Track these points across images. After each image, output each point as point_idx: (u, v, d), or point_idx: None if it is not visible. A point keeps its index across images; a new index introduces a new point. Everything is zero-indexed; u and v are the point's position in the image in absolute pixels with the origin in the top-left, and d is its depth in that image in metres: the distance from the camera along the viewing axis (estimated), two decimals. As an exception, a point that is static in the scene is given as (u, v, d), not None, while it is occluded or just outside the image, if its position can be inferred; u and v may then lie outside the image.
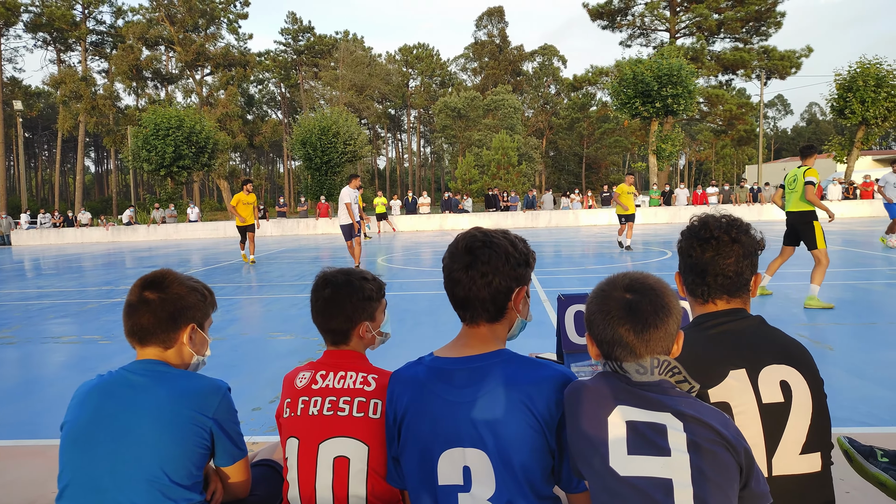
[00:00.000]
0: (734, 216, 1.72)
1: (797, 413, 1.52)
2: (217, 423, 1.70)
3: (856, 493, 2.72)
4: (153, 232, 28.96)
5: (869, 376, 4.55)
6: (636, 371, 1.36)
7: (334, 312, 1.86)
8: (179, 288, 1.79)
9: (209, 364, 6.00)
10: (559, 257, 13.98)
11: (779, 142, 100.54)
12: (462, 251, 1.56)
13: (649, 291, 1.38)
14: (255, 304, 8.85)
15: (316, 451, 1.72)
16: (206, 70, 61.87)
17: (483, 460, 1.45)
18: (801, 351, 1.60)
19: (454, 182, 49.72)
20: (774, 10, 47.79)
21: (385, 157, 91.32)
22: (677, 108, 30.59)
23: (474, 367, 1.52)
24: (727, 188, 30.89)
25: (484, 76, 73.37)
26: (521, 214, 28.36)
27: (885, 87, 28.52)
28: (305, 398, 1.78)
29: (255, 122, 69.25)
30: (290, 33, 71.60)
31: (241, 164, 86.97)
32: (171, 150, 31.60)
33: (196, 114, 35.22)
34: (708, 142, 68.60)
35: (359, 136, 34.81)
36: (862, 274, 9.69)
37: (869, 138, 30.32)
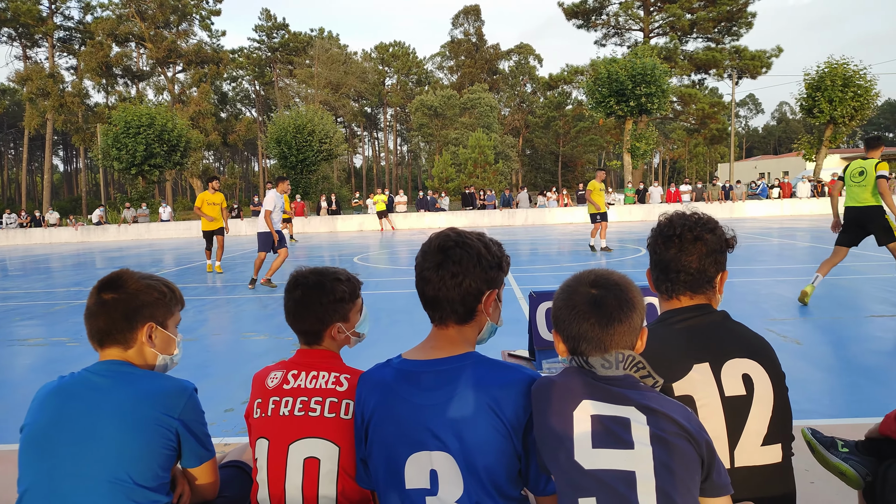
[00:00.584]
0: (702, 214, 1.75)
1: (759, 405, 1.55)
2: (183, 423, 1.68)
3: (820, 483, 2.79)
4: (124, 232, 28.49)
5: (833, 369, 4.65)
6: (601, 366, 1.38)
7: (305, 314, 1.84)
8: (135, 286, 1.75)
9: (181, 365, 5.92)
10: (535, 255, 14.05)
11: (750, 140, 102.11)
12: (434, 250, 1.55)
13: (614, 287, 1.40)
14: (229, 305, 8.76)
15: (286, 452, 1.70)
16: (178, 67, 61.00)
17: (450, 463, 1.44)
18: (763, 345, 1.63)
19: (431, 181, 49.70)
20: (745, 11, 48.53)
21: (361, 155, 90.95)
22: (651, 106, 30.93)
23: (442, 369, 1.51)
24: (700, 186, 31.30)
25: (460, 75, 73.39)
26: (497, 213, 28.45)
27: (852, 87, 29.12)
28: (276, 398, 1.76)
29: (229, 120, 68.47)
30: (265, 30, 70.87)
31: (214, 162, 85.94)
32: (143, 148, 31.11)
33: (168, 112, 34.71)
34: (681, 140, 69.51)
35: (334, 134, 34.62)
36: (830, 270, 9.86)
37: (837, 137, 30.92)
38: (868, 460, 1.86)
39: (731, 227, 1.79)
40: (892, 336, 5.58)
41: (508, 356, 2.75)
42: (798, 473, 2.84)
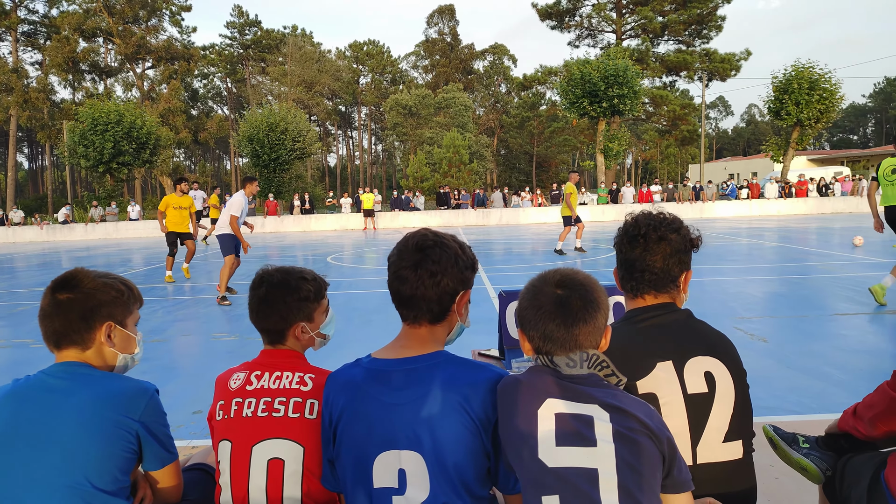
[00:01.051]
0: (668, 214, 1.77)
1: (720, 403, 1.57)
2: (144, 426, 1.64)
3: (784, 479, 2.84)
4: (91, 231, 27.93)
5: (798, 366, 4.75)
6: (566, 364, 1.39)
7: (268, 312, 1.82)
8: (91, 285, 1.71)
9: (148, 366, 5.82)
10: (509, 254, 14.11)
11: (720, 142, 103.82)
12: (412, 249, 1.55)
13: (579, 287, 1.41)
14: (199, 305, 8.64)
15: (249, 454, 1.68)
16: (148, 63, 60.00)
17: (418, 462, 1.44)
18: (725, 343, 1.66)
19: (406, 180, 49.58)
20: (715, 14, 49.28)
21: (336, 154, 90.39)
22: (623, 108, 31.23)
23: (412, 368, 1.52)
24: (671, 187, 31.72)
25: (435, 74, 73.35)
26: (472, 212, 28.50)
27: (818, 90, 29.75)
28: (239, 399, 1.73)
29: (200, 117, 67.52)
30: (236, 27, 70.05)
31: (185, 160, 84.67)
32: (111, 145, 30.49)
33: (137, 108, 34.05)
34: (653, 141, 70.30)
35: (308, 132, 34.34)
36: (796, 269, 10.08)
37: (803, 139, 31.57)
38: (828, 455, 1.90)
39: (700, 227, 1.82)
40: (855, 334, 5.71)
41: (479, 355, 2.76)
42: (763, 469, 2.91)
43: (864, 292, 7.65)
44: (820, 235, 16.25)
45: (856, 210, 27.60)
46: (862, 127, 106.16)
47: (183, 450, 3.36)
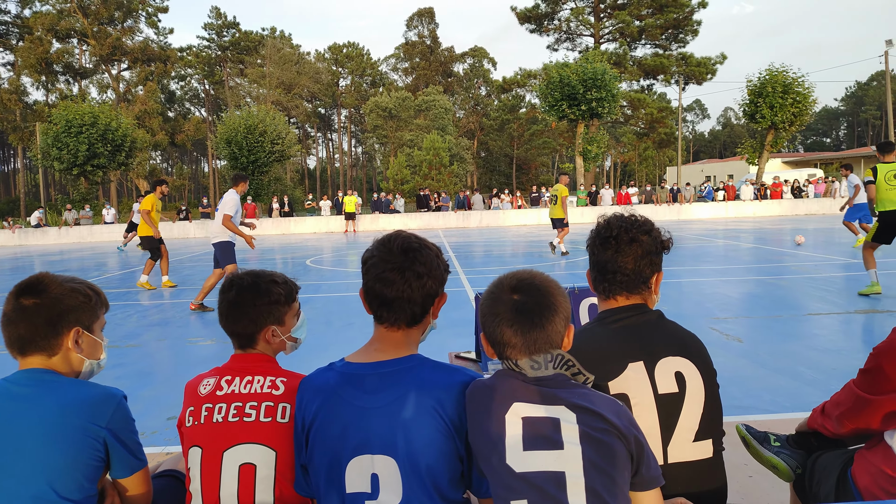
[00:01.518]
0: (639, 216, 1.78)
1: (690, 402, 1.58)
2: (112, 433, 1.61)
3: (758, 477, 2.87)
4: (65, 234, 27.49)
5: (773, 366, 4.81)
6: (531, 367, 1.39)
7: (238, 315, 1.80)
8: (58, 290, 1.67)
9: (122, 371, 5.74)
10: (489, 256, 14.15)
11: (697, 144, 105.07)
12: (398, 252, 1.55)
13: (534, 291, 1.41)
14: (175, 309, 8.54)
15: (220, 460, 1.65)
16: (124, 65, 59.25)
17: (391, 467, 1.43)
18: (696, 343, 1.67)
19: (386, 182, 49.51)
20: (691, 19, 50.02)
21: (315, 156, 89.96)
22: (602, 110, 31.48)
23: (386, 371, 1.51)
24: (648, 189, 32.04)
25: (415, 76, 73.36)
26: (452, 215, 28.52)
27: (791, 94, 30.27)
28: (209, 405, 1.71)
29: (177, 119, 66.81)
30: (214, 28, 69.43)
31: (162, 163, 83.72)
32: (85, 148, 30.05)
33: (112, 110, 33.61)
34: (631, 144, 70.96)
35: (287, 135, 34.12)
36: (771, 269, 10.23)
37: (778, 142, 32.07)
38: (798, 453, 1.93)
39: (678, 228, 1.86)
40: (827, 333, 5.81)
41: (455, 358, 2.76)
42: (737, 468, 2.94)
43: (837, 292, 7.78)
44: (794, 236, 16.51)
45: (829, 212, 28.08)
46: (834, 130, 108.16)
47: (157, 456, 3.32)
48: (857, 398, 1.62)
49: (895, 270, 9.48)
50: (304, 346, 4.98)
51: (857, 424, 1.65)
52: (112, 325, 7.46)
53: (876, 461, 1.61)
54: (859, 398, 1.62)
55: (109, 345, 1.85)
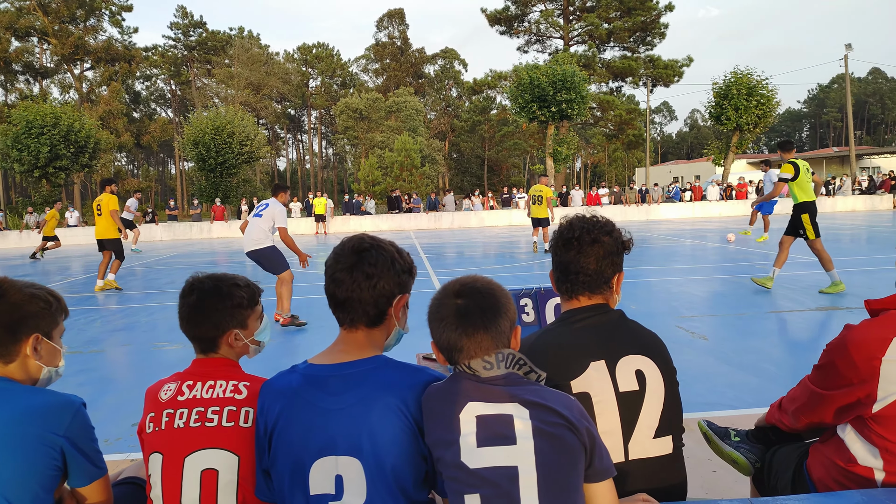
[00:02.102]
0: (601, 217, 1.80)
1: (650, 400, 1.61)
2: (69, 441, 1.58)
3: (721, 472, 2.92)
4: (26, 238, 26.77)
5: (737, 363, 4.91)
6: (483, 368, 1.40)
7: (201, 319, 1.78)
8: (17, 296, 1.64)
9: (85, 378, 5.62)
10: (461, 258, 14.18)
11: (665, 146, 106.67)
12: (348, 252, 1.55)
13: (476, 295, 1.44)
14: (140, 314, 8.39)
15: (182, 466, 1.63)
16: (87, 64, 58.00)
17: (356, 468, 1.43)
18: (656, 342, 1.70)
19: (357, 184, 49.31)
20: (658, 22, 50.79)
21: (285, 158, 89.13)
22: (571, 112, 31.77)
23: (349, 373, 1.51)
24: (617, 190, 32.43)
25: (386, 78, 73.19)
26: (423, 216, 28.51)
27: (756, 96, 30.93)
28: (170, 411, 1.69)
29: (143, 120, 65.70)
30: (180, 28, 68.35)
31: (127, 164, 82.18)
32: (47, 149, 29.35)
33: (75, 111, 32.89)
34: (601, 145, 71.68)
35: (256, 136, 33.79)
36: (736, 268, 10.43)
37: (742, 143, 32.73)
38: (757, 448, 1.97)
39: (646, 228, 1.88)
40: (789, 330, 5.95)
41: (423, 359, 2.76)
42: (701, 463, 3.00)
43: (800, 290, 7.96)
44: (758, 235, 16.85)
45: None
46: (797, 131, 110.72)
47: (121, 463, 3.26)
48: (812, 393, 1.67)
49: (854, 269, 9.74)
50: (273, 349, 4.92)
51: (812, 419, 1.69)
52: (75, 330, 7.30)
53: (829, 454, 1.66)
54: (813, 393, 1.66)
55: (72, 351, 1.83)
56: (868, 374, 1.50)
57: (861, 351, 1.51)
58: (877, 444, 1.54)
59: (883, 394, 1.49)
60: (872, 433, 1.55)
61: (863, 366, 1.50)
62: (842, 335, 1.58)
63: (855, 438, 1.59)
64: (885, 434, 1.53)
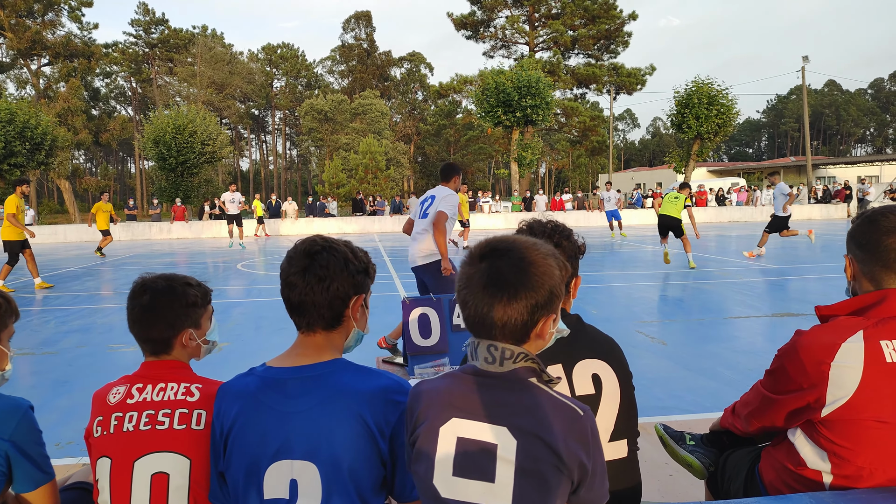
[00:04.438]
0: (558, 222, 1.81)
1: (606, 403, 1.63)
2: (15, 445, 1.54)
3: (677, 476, 2.97)
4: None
5: (695, 367, 5.00)
6: (484, 359, 1.27)
7: (154, 320, 1.73)
8: None
9: (38, 380, 5.45)
10: (423, 261, 14.14)
11: (628, 153, 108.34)
12: (300, 255, 1.53)
13: (509, 253, 1.24)
14: (96, 315, 8.17)
15: (131, 470, 1.59)
16: (44, 60, 56.35)
17: (311, 472, 1.41)
18: (612, 346, 1.72)
19: (321, 186, 48.91)
20: (622, 31, 51.64)
21: (249, 158, 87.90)
22: (536, 118, 32.05)
23: (308, 376, 1.49)
24: (580, 195, 32.83)
25: (351, 80, 72.84)
26: (388, 219, 28.41)
27: (716, 105, 31.59)
28: (119, 414, 1.64)
29: (102, 118, 64.11)
30: (142, 25, 66.91)
31: (85, 162, 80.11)
32: (1, 146, 28.38)
33: (31, 107, 31.88)
34: (565, 151, 72.53)
35: (218, 136, 33.19)
36: (696, 274, 10.64)
37: (703, 151, 33.40)
38: (711, 452, 2.01)
39: (609, 234, 1.87)
40: (746, 335, 6.09)
41: (382, 363, 2.75)
42: (658, 466, 3.04)
43: (757, 296, 8.17)
44: (718, 242, 17.23)
45: (750, 219, 29.46)
46: (756, 141, 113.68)
47: (72, 468, 3.15)
48: (763, 398, 1.70)
49: (810, 276, 10.03)
50: (232, 352, 4.85)
51: (764, 423, 1.73)
52: (28, 331, 7.08)
53: (780, 457, 1.70)
54: (765, 398, 1.69)
55: (25, 352, 1.78)
56: (817, 378, 1.53)
57: (811, 356, 1.55)
58: (825, 447, 1.58)
59: (831, 398, 1.53)
60: (821, 437, 1.58)
61: (812, 370, 1.54)
62: (792, 341, 1.62)
63: (805, 442, 1.63)
64: (833, 438, 1.56)
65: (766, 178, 15.03)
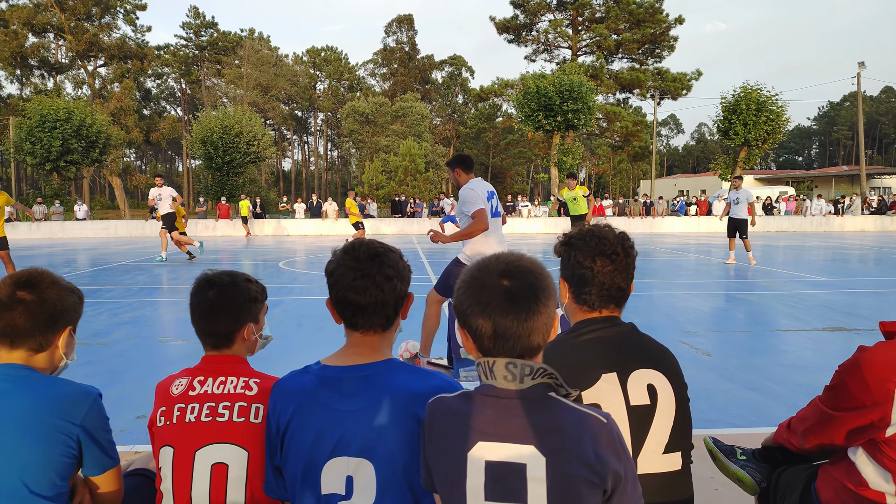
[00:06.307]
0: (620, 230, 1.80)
1: (661, 415, 1.61)
2: (85, 430, 1.61)
3: (723, 490, 2.91)
4: (36, 230, 26.87)
5: (740, 381, 4.89)
6: (503, 377, 1.27)
7: (219, 314, 1.80)
8: (58, 289, 1.70)
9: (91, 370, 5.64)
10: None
11: (671, 159, 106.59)
12: (366, 258, 1.56)
13: (528, 275, 1.29)
14: (146, 308, 8.41)
15: (192, 459, 1.65)
16: (100, 61, 58.31)
17: (367, 469, 1.45)
18: (668, 357, 1.70)
19: (360, 187, 49.38)
20: (668, 35, 50.80)
21: (291, 159, 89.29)
22: (578, 122, 31.77)
23: (363, 375, 1.52)
24: (621, 201, 32.42)
25: (393, 82, 73.35)
26: (426, 221, 28.51)
27: (765, 112, 30.84)
28: (182, 405, 1.71)
29: (153, 117, 65.92)
30: (192, 28, 68.68)
31: (136, 160, 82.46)
32: (59, 143, 29.48)
33: (87, 106, 33.03)
34: (606, 156, 71.71)
35: (263, 136, 33.83)
36: (741, 285, 10.40)
37: (750, 158, 32.63)
38: (763, 467, 1.97)
39: (650, 241, 1.89)
40: (794, 349, 5.92)
41: (428, 364, 2.77)
42: (703, 480, 2.98)
43: (806, 309, 7.94)
44: (764, 253, 16.83)
45: (799, 229, 28.68)
46: (806, 149, 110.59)
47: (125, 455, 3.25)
48: (822, 414, 1.66)
49: (862, 290, 9.72)
50: (274, 349, 4.93)
51: (822, 440, 1.69)
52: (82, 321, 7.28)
53: (839, 476, 1.65)
54: (824, 414, 1.65)
55: (79, 342, 1.86)
56: (881, 397, 1.49)
57: (875, 373, 1.50)
58: (889, 468, 1.53)
59: None
60: (885, 457, 1.54)
61: (876, 388, 1.50)
62: (855, 356, 1.58)
63: (867, 462, 1.58)
64: None
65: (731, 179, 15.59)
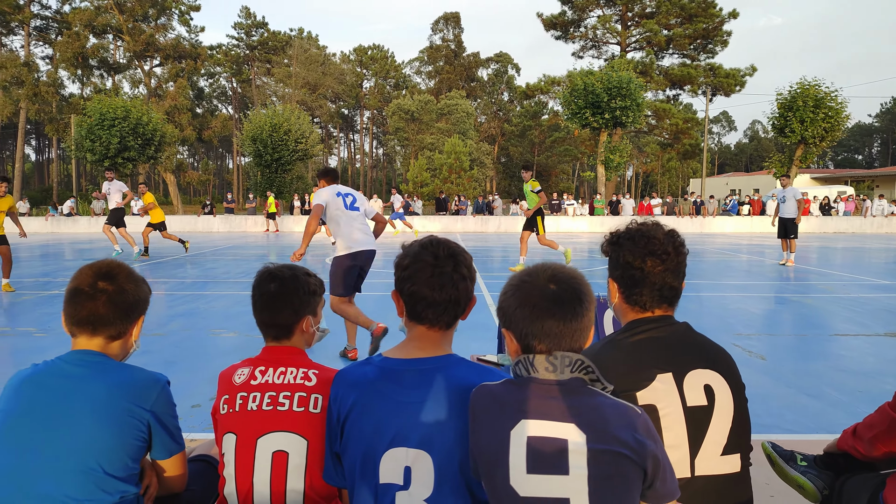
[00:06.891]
0: (669, 228, 1.77)
1: (719, 416, 1.58)
2: (155, 416, 1.69)
3: (779, 497, 2.84)
4: (95, 224, 27.89)
5: (796, 385, 4.75)
6: (545, 369, 1.36)
7: (281, 306, 1.86)
8: (134, 280, 1.80)
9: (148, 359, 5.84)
10: (507, 262, 14.13)
11: (722, 157, 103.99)
12: (446, 256, 1.60)
13: (571, 280, 1.42)
14: (199, 301, 8.65)
15: (254, 446, 1.72)
16: (156, 61, 60.09)
17: (425, 461, 1.47)
18: (725, 357, 1.67)
19: (405, 184, 49.69)
20: (721, 29, 49.45)
21: (337, 156, 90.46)
22: (626, 120, 31.25)
23: (424, 368, 1.56)
24: (670, 200, 31.77)
25: (438, 80, 73.51)
26: (470, 219, 28.52)
27: (823, 108, 29.64)
28: (244, 394, 1.77)
29: (205, 115, 67.58)
30: (243, 28, 70.24)
31: (189, 157, 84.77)
32: (117, 140, 30.53)
33: (143, 105, 34.11)
34: (655, 154, 70.40)
35: (311, 134, 34.35)
36: (796, 287, 10.10)
37: (807, 157, 31.51)
38: (826, 475, 1.91)
39: (701, 241, 1.87)
40: (853, 355, 5.72)
41: (478, 360, 2.78)
42: (758, 486, 2.90)
43: (866, 313, 7.66)
44: (821, 254, 16.29)
45: (858, 230, 27.64)
46: (867, 147, 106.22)
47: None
48: (892, 421, 1.61)
49: (924, 292, 9.31)
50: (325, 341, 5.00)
51: (891, 448, 1.63)
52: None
53: (908, 485, 1.60)
54: (893, 421, 1.60)
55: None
56: None
57: None
58: (963, 477, 1.48)
59: None
60: (958, 466, 1.49)
61: None
62: None
63: (939, 471, 1.53)
64: None
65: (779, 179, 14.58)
